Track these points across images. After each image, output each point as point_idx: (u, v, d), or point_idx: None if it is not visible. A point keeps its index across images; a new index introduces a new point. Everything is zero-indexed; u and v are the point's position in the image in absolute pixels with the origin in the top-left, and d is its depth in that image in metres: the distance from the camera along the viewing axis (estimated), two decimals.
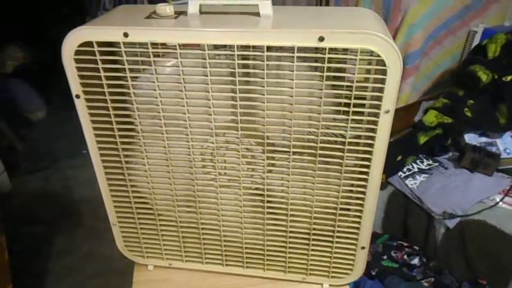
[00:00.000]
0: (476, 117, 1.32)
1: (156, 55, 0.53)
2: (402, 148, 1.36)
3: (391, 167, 1.33)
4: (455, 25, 1.61)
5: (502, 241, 1.10)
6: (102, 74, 0.54)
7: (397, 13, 1.56)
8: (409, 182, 1.29)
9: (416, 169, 1.33)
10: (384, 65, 0.47)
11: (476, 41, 1.59)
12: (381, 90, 0.49)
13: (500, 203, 1.16)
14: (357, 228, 0.62)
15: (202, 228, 0.67)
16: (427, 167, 1.33)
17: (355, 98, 0.51)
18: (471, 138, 1.35)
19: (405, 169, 1.34)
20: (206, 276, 0.72)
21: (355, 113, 0.52)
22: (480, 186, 1.22)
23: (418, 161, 1.37)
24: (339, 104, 0.53)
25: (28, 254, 1.69)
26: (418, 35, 1.53)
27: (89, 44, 0.51)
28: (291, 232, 0.64)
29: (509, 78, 1.28)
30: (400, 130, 1.49)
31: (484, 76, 1.33)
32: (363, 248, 0.64)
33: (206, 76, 0.52)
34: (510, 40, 1.33)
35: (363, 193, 0.58)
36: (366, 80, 0.52)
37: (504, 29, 1.49)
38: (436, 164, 1.34)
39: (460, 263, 1.19)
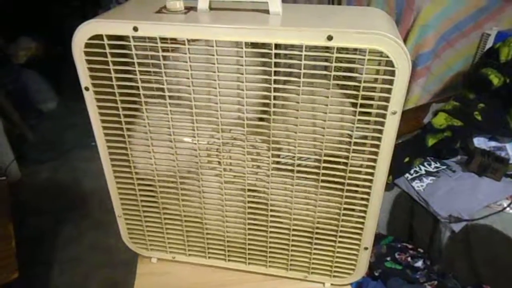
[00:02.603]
0: (486, 121, 1.31)
1: (166, 49, 0.54)
2: (410, 150, 1.36)
3: (398, 169, 1.33)
4: (468, 27, 1.60)
5: (508, 247, 1.09)
6: (112, 67, 0.54)
7: (410, 13, 1.54)
8: (416, 184, 1.28)
9: (423, 172, 1.33)
10: (393, 66, 0.47)
11: (489, 44, 1.57)
12: (388, 91, 0.49)
13: (507, 208, 1.15)
14: (361, 229, 0.62)
15: (206, 223, 0.68)
16: (435, 170, 1.32)
17: (363, 98, 0.51)
18: (480, 142, 1.34)
19: (412, 171, 1.33)
20: (208, 270, 0.73)
21: (362, 113, 0.52)
22: (487, 190, 1.21)
23: (425, 164, 1.36)
24: (347, 104, 0.53)
25: (35, 243, 1.72)
26: (430, 36, 1.52)
27: (99, 37, 0.52)
28: (294, 230, 0.65)
29: None
30: (409, 131, 1.48)
31: (495, 79, 1.32)
32: (366, 248, 0.64)
33: (214, 72, 0.52)
34: None
35: (368, 193, 0.58)
36: (375, 80, 0.51)
37: None
38: (444, 167, 1.33)
39: (465, 268, 1.18)
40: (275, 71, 0.51)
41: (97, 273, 1.58)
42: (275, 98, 0.53)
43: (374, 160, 0.54)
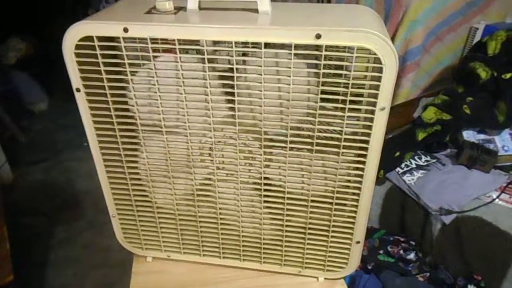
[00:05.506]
0: (475, 114, 1.32)
1: (156, 50, 0.54)
2: (401, 144, 1.37)
3: (389, 163, 1.34)
4: (456, 22, 1.61)
5: (498, 238, 1.11)
6: (102, 68, 0.54)
7: (399, 8, 1.55)
8: (407, 178, 1.30)
9: (414, 165, 1.34)
10: (380, 63, 0.48)
11: (477, 38, 1.59)
12: (377, 87, 0.50)
13: (497, 200, 1.17)
14: (353, 223, 0.63)
15: (200, 221, 0.68)
16: (425, 163, 1.34)
17: (352, 95, 0.52)
18: (469, 135, 1.36)
19: (403, 165, 1.35)
20: (203, 268, 0.74)
21: (351, 109, 0.53)
22: (477, 182, 1.23)
23: (416, 157, 1.37)
24: (336, 101, 0.54)
25: (29, 244, 1.71)
26: (419, 31, 1.53)
27: (89, 38, 0.52)
28: (287, 226, 0.65)
29: (508, 75, 1.28)
30: (399, 126, 1.50)
31: (483, 73, 1.33)
32: (358, 242, 0.65)
33: (205, 71, 0.53)
34: (510, 37, 1.33)
35: (359, 188, 0.59)
36: (363, 77, 0.52)
37: (505, 26, 1.49)
38: (434, 160, 1.35)
39: (456, 259, 1.20)
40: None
41: (93, 273, 1.58)
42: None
43: (364, 156, 0.55)
